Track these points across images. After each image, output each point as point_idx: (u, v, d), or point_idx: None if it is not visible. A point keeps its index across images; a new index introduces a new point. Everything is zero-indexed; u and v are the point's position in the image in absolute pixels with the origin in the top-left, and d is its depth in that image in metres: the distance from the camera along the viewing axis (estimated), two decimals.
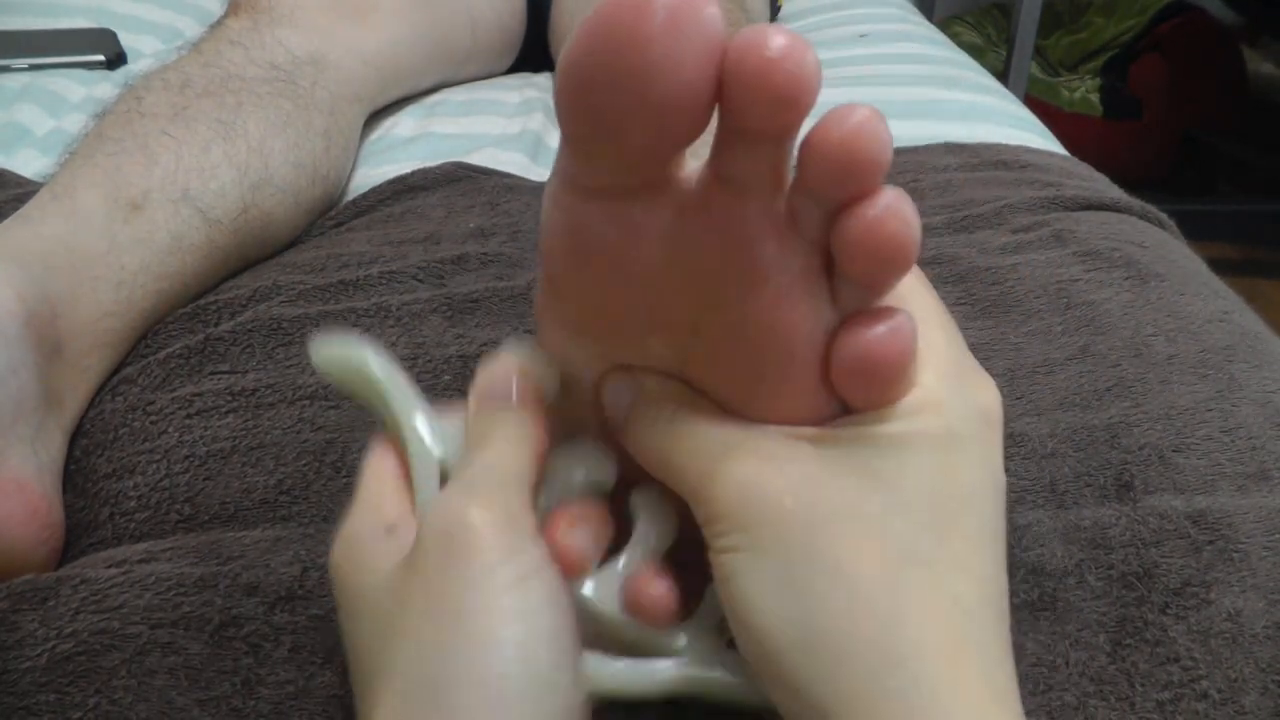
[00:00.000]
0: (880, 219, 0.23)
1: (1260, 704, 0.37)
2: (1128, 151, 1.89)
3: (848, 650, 0.23)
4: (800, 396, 0.26)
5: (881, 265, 0.24)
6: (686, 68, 0.21)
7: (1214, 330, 0.51)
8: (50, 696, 0.36)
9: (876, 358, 0.25)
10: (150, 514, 0.43)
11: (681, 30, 0.21)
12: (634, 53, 0.21)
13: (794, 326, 0.25)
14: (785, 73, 0.21)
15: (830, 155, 0.23)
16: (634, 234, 0.25)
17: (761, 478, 0.25)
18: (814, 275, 0.25)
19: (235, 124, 0.59)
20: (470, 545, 0.25)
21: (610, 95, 0.22)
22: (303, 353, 0.50)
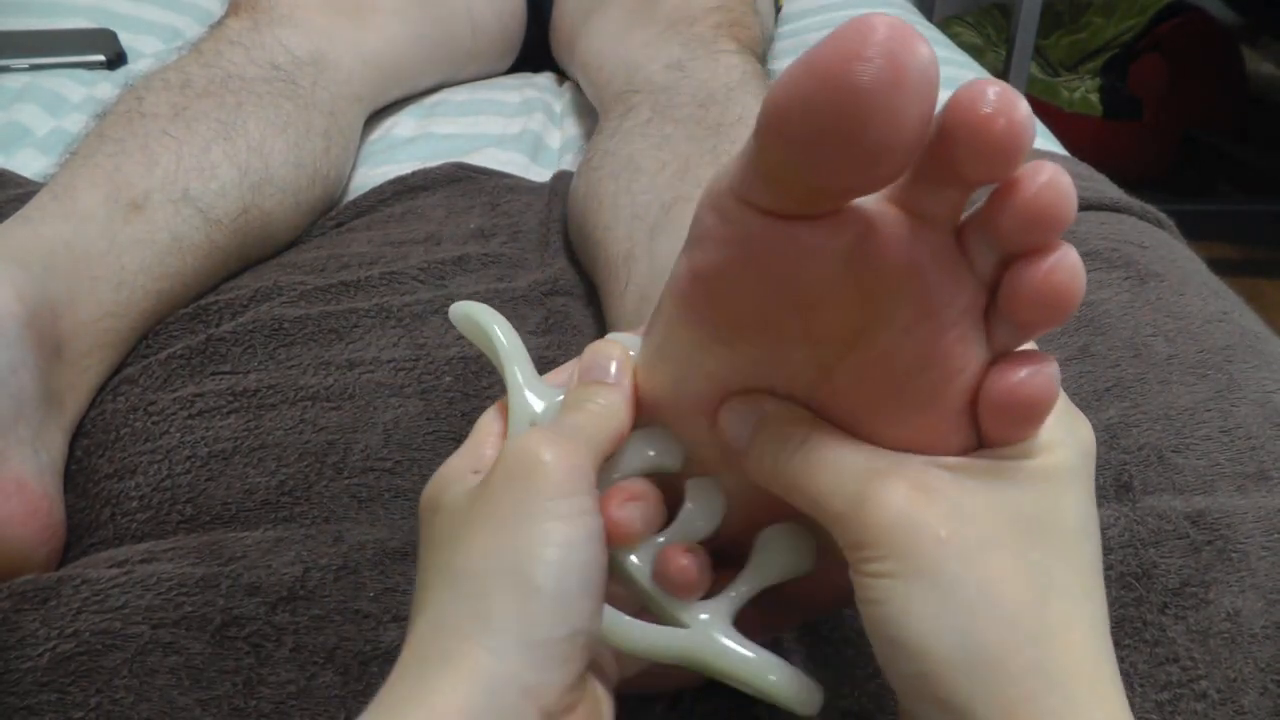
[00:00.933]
0: (1055, 271, 0.24)
1: (1259, 704, 0.37)
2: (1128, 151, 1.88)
3: (1008, 671, 0.25)
4: (938, 427, 0.27)
5: (1048, 315, 0.25)
6: (903, 118, 0.22)
7: (1213, 330, 0.51)
8: (52, 696, 0.36)
9: (1028, 398, 0.26)
10: (151, 514, 0.44)
11: (901, 80, 0.21)
12: (852, 96, 0.21)
13: (949, 358, 0.26)
14: (1002, 129, 0.22)
15: (1026, 209, 0.24)
16: (811, 255, 0.25)
17: (916, 506, 0.26)
18: (976, 312, 0.26)
19: (235, 124, 0.59)
20: (534, 473, 0.27)
21: (819, 137, 0.22)
22: (304, 353, 0.51)
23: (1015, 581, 0.26)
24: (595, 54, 0.79)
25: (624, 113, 0.64)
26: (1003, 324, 0.26)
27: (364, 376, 0.49)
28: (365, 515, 0.43)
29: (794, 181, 0.24)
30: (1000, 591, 0.26)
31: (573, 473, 0.28)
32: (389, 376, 0.49)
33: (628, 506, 0.30)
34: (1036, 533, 0.27)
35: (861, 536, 0.26)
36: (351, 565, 0.40)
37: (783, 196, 0.24)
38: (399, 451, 0.46)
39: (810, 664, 0.37)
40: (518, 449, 0.28)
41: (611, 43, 0.77)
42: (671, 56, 0.68)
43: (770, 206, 0.25)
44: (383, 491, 0.44)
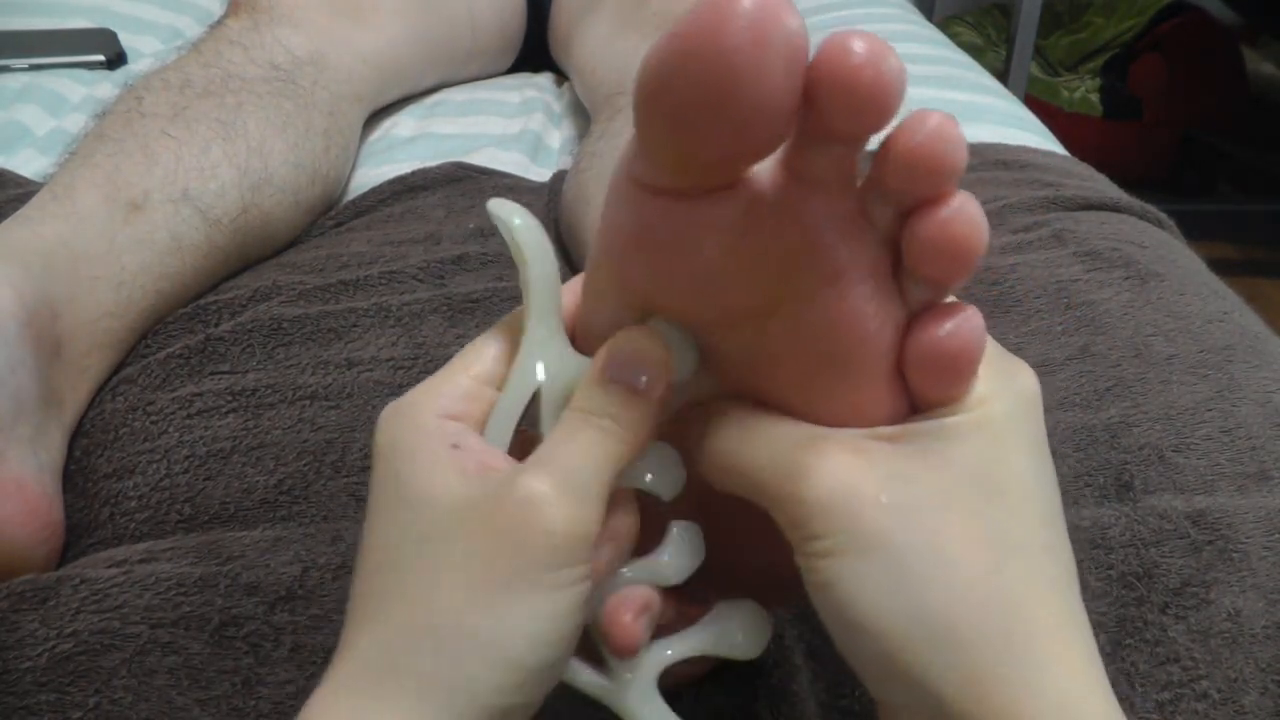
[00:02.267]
0: (952, 221, 0.24)
1: (1260, 704, 0.37)
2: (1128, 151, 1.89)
3: (968, 639, 0.24)
4: (869, 394, 0.26)
5: (952, 265, 0.24)
6: (771, 79, 0.21)
7: (1214, 330, 0.51)
8: (50, 696, 0.35)
9: (953, 352, 0.25)
10: (150, 514, 0.43)
11: (765, 41, 0.21)
12: (717, 63, 0.21)
13: (864, 322, 0.25)
14: (870, 79, 0.22)
15: (910, 158, 0.23)
16: (705, 231, 0.25)
17: (854, 473, 0.25)
18: (883, 272, 0.25)
19: (235, 124, 0.59)
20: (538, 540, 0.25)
21: (692, 105, 0.22)
22: (303, 352, 0.50)
23: (966, 544, 0.25)
24: (588, 56, 0.79)
25: (612, 114, 0.64)
26: (913, 282, 0.25)
27: (363, 376, 0.49)
28: (364, 514, 0.43)
29: (673, 155, 0.23)
30: (951, 556, 0.24)
31: (579, 541, 0.25)
32: (388, 376, 0.49)
33: (637, 622, 0.27)
34: (983, 490, 0.25)
35: (800, 512, 0.25)
36: (350, 564, 0.40)
37: (667, 173, 0.24)
38: None
39: (810, 661, 0.37)
40: (522, 502, 0.25)
41: (602, 45, 0.77)
42: None
43: (658, 184, 0.24)
44: None
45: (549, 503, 0.25)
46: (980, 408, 0.26)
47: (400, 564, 0.26)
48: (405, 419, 0.28)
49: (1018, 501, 0.26)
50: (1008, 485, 0.26)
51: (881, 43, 0.22)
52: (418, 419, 0.27)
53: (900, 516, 0.25)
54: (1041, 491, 0.27)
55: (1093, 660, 0.25)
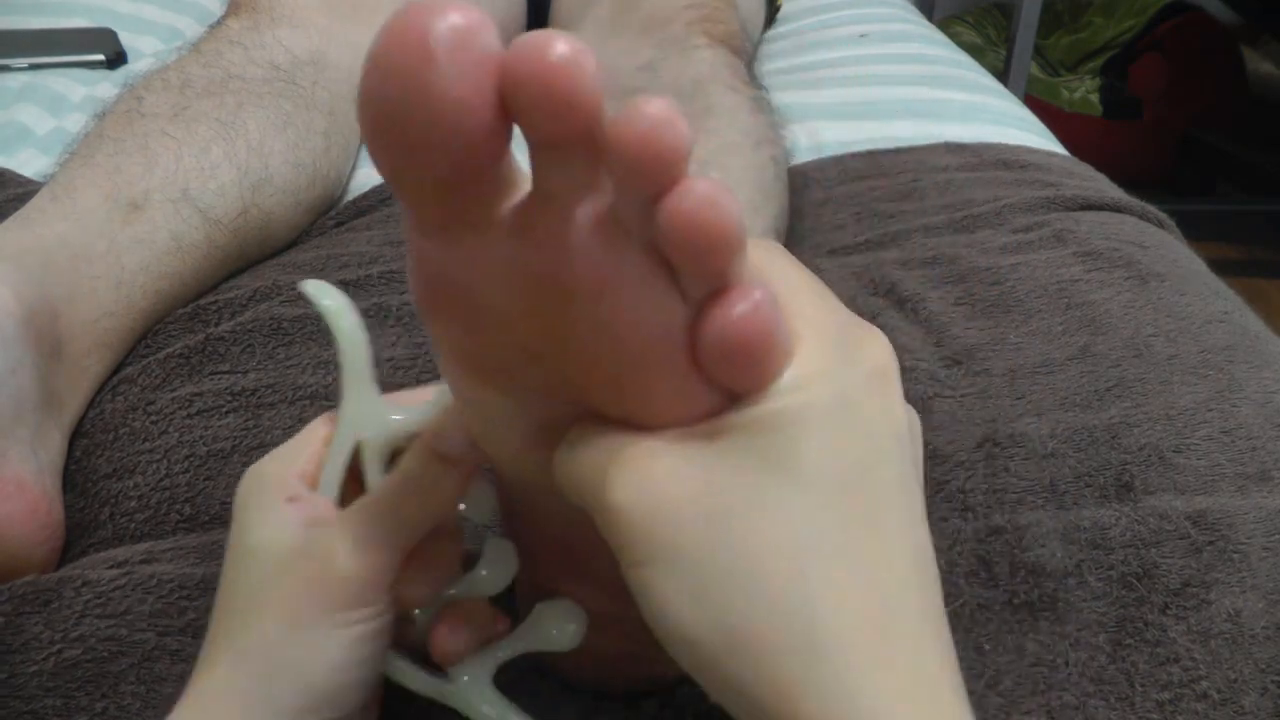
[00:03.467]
0: (689, 209, 0.23)
1: (1260, 704, 0.37)
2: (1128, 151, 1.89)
3: (771, 649, 0.23)
4: (677, 394, 0.25)
5: (705, 252, 0.23)
6: (461, 87, 0.21)
7: (1214, 330, 0.51)
8: (57, 701, 0.35)
9: (741, 337, 0.24)
10: (151, 514, 0.43)
11: (428, 54, 0.21)
12: (408, 83, 0.21)
13: (648, 325, 0.24)
14: (556, 75, 0.21)
15: (630, 152, 0.22)
16: (473, 266, 0.25)
17: (659, 482, 0.24)
18: (656, 272, 0.24)
19: (235, 124, 0.59)
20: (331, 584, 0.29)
21: (400, 128, 0.22)
22: (303, 352, 0.50)
23: (774, 549, 0.23)
24: None
25: None
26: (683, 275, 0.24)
27: None
28: None
29: (406, 181, 0.23)
30: (755, 565, 0.23)
31: (367, 586, 0.29)
32: (387, 376, 0.49)
33: (454, 636, 0.31)
34: (795, 486, 0.24)
35: (609, 522, 0.25)
36: None
37: (414, 204, 0.24)
38: None
39: None
40: (322, 549, 0.29)
41: (595, 46, 0.77)
42: (644, 59, 0.68)
43: (423, 223, 0.24)
44: None
45: (340, 555, 0.29)
46: (800, 393, 0.24)
47: (239, 606, 0.30)
48: (255, 478, 0.32)
49: (834, 497, 0.24)
50: (823, 480, 0.24)
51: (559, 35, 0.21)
52: (264, 476, 0.32)
53: (704, 525, 0.24)
54: (870, 483, 0.25)
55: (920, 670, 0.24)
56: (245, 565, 0.30)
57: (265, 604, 0.29)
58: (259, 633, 0.29)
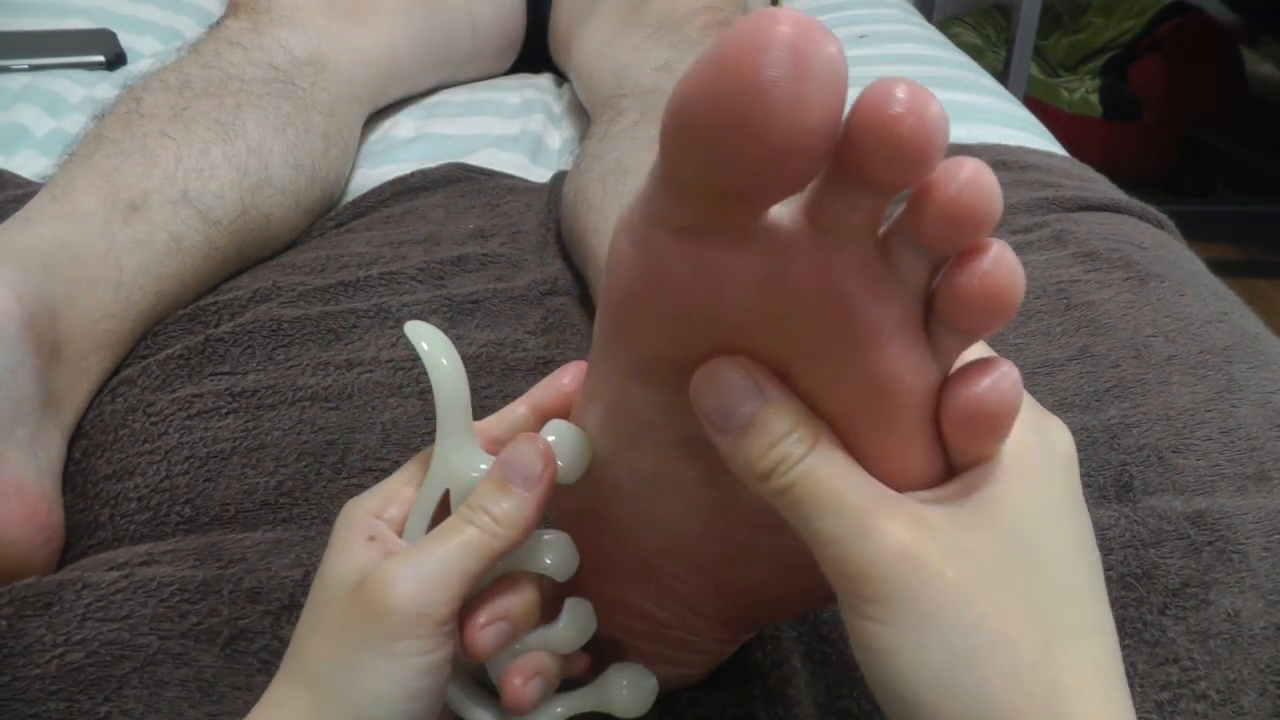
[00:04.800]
0: (993, 273, 0.23)
1: (1259, 704, 0.37)
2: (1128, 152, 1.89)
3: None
4: (901, 451, 0.25)
5: (992, 317, 0.24)
6: (811, 112, 0.20)
7: (1213, 331, 0.51)
8: (60, 705, 0.35)
9: (992, 409, 0.24)
10: (150, 515, 0.43)
11: (806, 72, 0.20)
12: (755, 94, 0.20)
13: (895, 377, 0.24)
14: (912, 129, 0.21)
15: (947, 211, 0.22)
16: (723, 279, 0.24)
17: (920, 544, 0.24)
18: (912, 324, 0.24)
19: (234, 125, 0.59)
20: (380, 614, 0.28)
21: (724, 135, 0.21)
22: (303, 353, 0.50)
23: (1020, 627, 0.24)
24: (587, 57, 0.79)
25: (613, 116, 0.64)
26: (945, 332, 0.24)
27: (362, 377, 0.49)
28: None
29: (701, 187, 0.22)
30: (1007, 639, 0.24)
31: (419, 619, 0.28)
32: (387, 377, 0.49)
33: (528, 687, 0.31)
34: (1032, 567, 0.25)
35: (861, 573, 0.24)
36: None
37: (691, 208, 0.23)
38: (398, 452, 0.46)
39: (808, 664, 0.37)
40: (375, 581, 0.29)
41: (603, 46, 0.77)
42: (660, 59, 0.68)
43: (679, 222, 0.23)
44: None
45: (394, 584, 0.28)
46: (1019, 470, 0.25)
47: (303, 632, 0.30)
48: (347, 513, 0.32)
49: (1065, 574, 0.25)
50: (1054, 556, 0.25)
51: (924, 90, 0.21)
52: (354, 513, 0.32)
53: (961, 592, 0.24)
54: (1085, 559, 0.26)
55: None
56: (315, 593, 0.31)
57: (321, 629, 0.29)
58: (315, 658, 0.29)
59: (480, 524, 0.30)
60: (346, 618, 0.29)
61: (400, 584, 0.28)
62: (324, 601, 0.30)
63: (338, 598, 0.29)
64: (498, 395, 0.49)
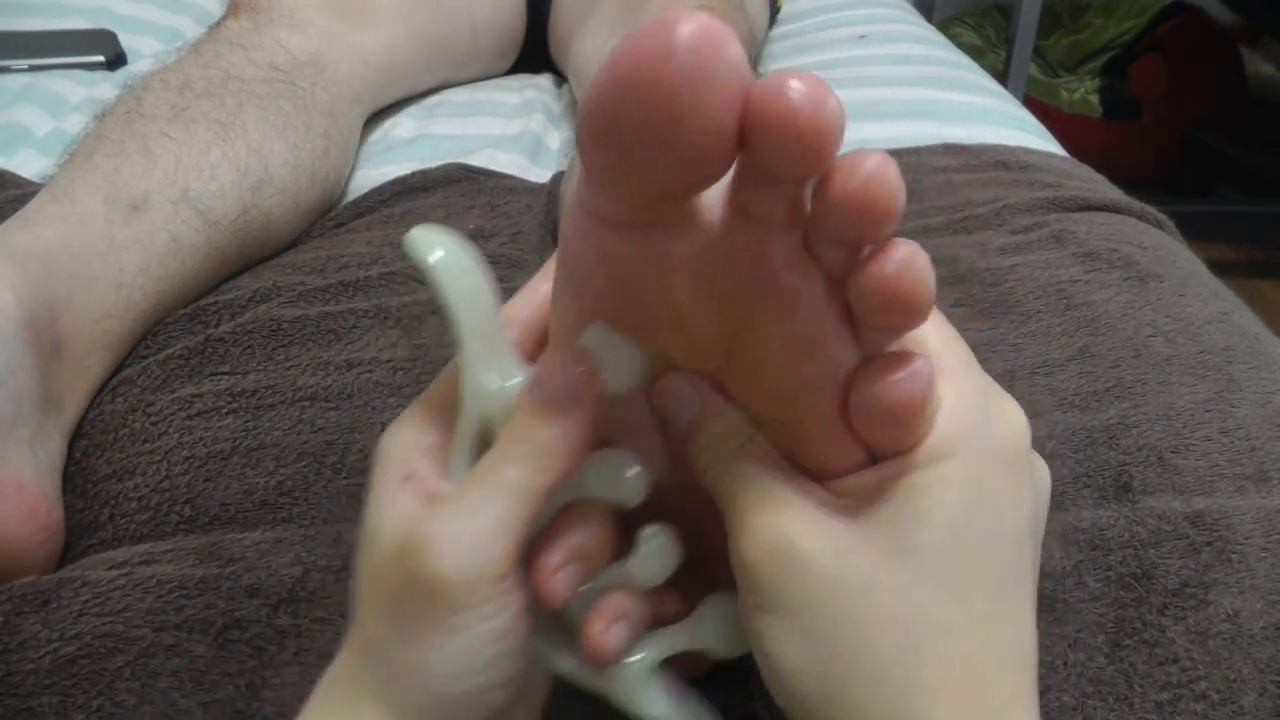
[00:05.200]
0: (895, 275, 0.23)
1: (1259, 704, 0.37)
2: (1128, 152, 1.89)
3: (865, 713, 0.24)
4: (826, 434, 0.26)
5: (898, 318, 0.24)
6: (712, 114, 0.21)
7: (1213, 331, 0.51)
8: (53, 699, 0.35)
9: (894, 403, 0.24)
10: (150, 515, 0.43)
11: (706, 75, 0.21)
12: (659, 97, 0.21)
13: (821, 359, 0.25)
14: (808, 122, 0.21)
15: (846, 204, 0.22)
16: (660, 265, 0.25)
17: (795, 538, 0.25)
18: (837, 310, 0.25)
19: (235, 125, 0.59)
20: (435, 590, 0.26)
21: (634, 138, 0.22)
22: (303, 354, 0.51)
23: (889, 623, 0.24)
24: (586, 57, 0.79)
25: None
26: (864, 327, 0.25)
27: (362, 377, 0.49)
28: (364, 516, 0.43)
29: (621, 186, 0.23)
30: (869, 639, 0.24)
31: (473, 585, 0.25)
32: (387, 377, 0.49)
33: (616, 629, 0.28)
34: (913, 564, 0.25)
35: (741, 560, 0.26)
36: (351, 566, 0.40)
37: (617, 203, 0.24)
38: None
39: None
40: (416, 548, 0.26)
41: (600, 47, 0.77)
42: None
43: (610, 215, 0.24)
44: None
45: (436, 551, 0.25)
46: (935, 467, 0.25)
47: (361, 588, 0.28)
48: (384, 448, 0.29)
49: (953, 577, 0.25)
50: (945, 560, 0.25)
51: (820, 83, 0.21)
52: (389, 448, 0.29)
53: (830, 590, 0.25)
54: (988, 565, 0.25)
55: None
56: (364, 551, 0.28)
57: (378, 598, 0.27)
58: (376, 630, 0.26)
59: (521, 458, 0.26)
60: (400, 589, 0.26)
61: (444, 550, 0.25)
62: (374, 566, 0.27)
63: (386, 562, 0.26)
64: None
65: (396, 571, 0.26)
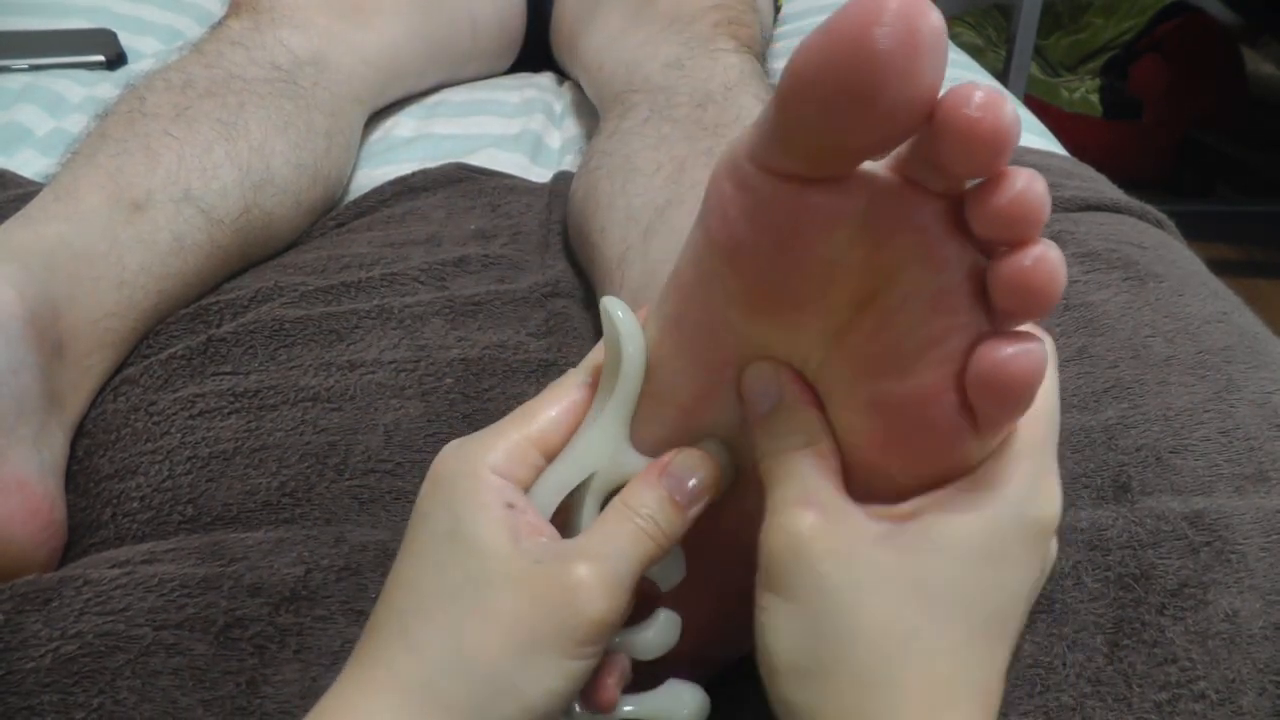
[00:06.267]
0: (1034, 271, 0.26)
1: (1258, 704, 0.37)
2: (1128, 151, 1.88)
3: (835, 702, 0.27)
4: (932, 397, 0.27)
5: (1029, 307, 0.26)
6: (916, 79, 0.23)
7: (1212, 331, 0.51)
8: (54, 697, 0.36)
9: (1010, 376, 0.26)
10: (152, 515, 0.44)
11: (916, 44, 0.23)
12: (870, 60, 0.23)
13: (947, 324, 0.27)
14: (989, 131, 0.24)
15: (998, 212, 0.25)
16: (825, 217, 0.27)
17: (813, 539, 0.28)
18: (976, 281, 0.27)
19: (237, 124, 0.59)
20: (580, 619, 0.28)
21: (839, 97, 0.24)
22: (305, 354, 0.51)
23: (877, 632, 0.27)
24: (595, 53, 0.79)
25: (623, 112, 0.64)
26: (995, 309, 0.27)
27: (365, 378, 0.49)
28: (366, 517, 0.43)
29: (812, 141, 0.25)
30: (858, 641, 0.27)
31: (610, 627, 0.29)
32: (390, 378, 0.49)
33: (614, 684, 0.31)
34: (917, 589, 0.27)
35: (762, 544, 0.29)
36: (354, 566, 0.40)
37: (800, 158, 0.26)
38: (400, 453, 0.46)
39: None
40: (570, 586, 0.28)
41: (611, 42, 0.77)
42: (670, 55, 0.68)
43: (787, 169, 0.26)
44: (384, 493, 0.44)
45: (594, 593, 0.28)
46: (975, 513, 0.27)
47: (445, 598, 0.29)
48: (466, 462, 0.31)
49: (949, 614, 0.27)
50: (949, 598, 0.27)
51: (1000, 95, 0.24)
52: (476, 466, 0.30)
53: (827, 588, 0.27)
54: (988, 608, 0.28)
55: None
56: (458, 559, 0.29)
57: (487, 613, 0.28)
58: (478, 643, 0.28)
59: (644, 528, 0.30)
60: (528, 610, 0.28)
61: (599, 594, 0.28)
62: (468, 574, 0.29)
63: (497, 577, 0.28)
64: (500, 397, 0.49)
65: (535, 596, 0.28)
